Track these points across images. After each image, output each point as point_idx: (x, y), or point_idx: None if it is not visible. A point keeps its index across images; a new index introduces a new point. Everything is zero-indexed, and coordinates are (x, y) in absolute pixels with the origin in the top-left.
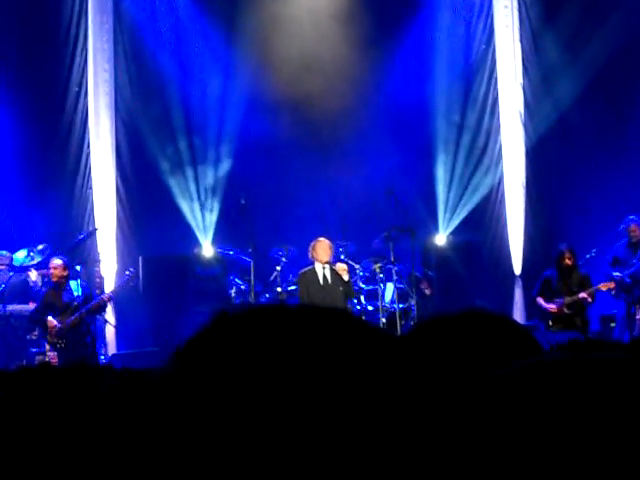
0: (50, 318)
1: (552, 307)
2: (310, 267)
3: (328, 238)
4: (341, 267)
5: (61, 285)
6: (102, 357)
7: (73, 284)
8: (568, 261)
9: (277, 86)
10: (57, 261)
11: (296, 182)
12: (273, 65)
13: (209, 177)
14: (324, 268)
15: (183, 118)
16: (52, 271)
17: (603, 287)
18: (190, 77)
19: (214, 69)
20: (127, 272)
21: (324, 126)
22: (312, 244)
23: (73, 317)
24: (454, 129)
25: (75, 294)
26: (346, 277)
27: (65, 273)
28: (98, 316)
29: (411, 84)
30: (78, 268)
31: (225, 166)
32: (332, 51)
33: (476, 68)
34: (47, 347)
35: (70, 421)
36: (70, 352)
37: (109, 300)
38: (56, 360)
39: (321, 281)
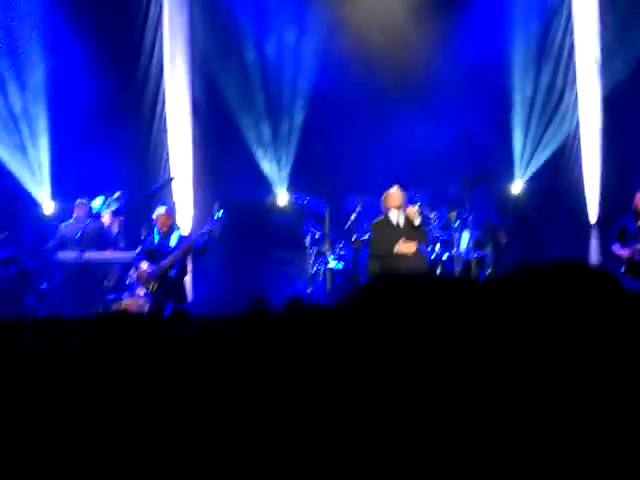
0: (142, 263)
1: (624, 253)
2: (382, 216)
3: (402, 187)
4: (412, 210)
5: (165, 233)
6: None
7: (176, 233)
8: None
9: (352, 38)
10: (160, 209)
11: (371, 131)
12: (348, 17)
13: (284, 123)
14: (398, 215)
15: (259, 66)
16: (157, 220)
17: None
18: (266, 26)
19: (289, 19)
20: (215, 216)
21: (399, 76)
22: (385, 193)
23: (164, 261)
24: (530, 78)
25: (171, 244)
26: (417, 221)
27: (169, 221)
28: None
29: (486, 34)
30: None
31: (300, 114)
32: (407, 5)
33: (552, 16)
34: (140, 291)
35: (145, 368)
36: (161, 298)
37: (204, 243)
38: (134, 307)
39: (394, 227)
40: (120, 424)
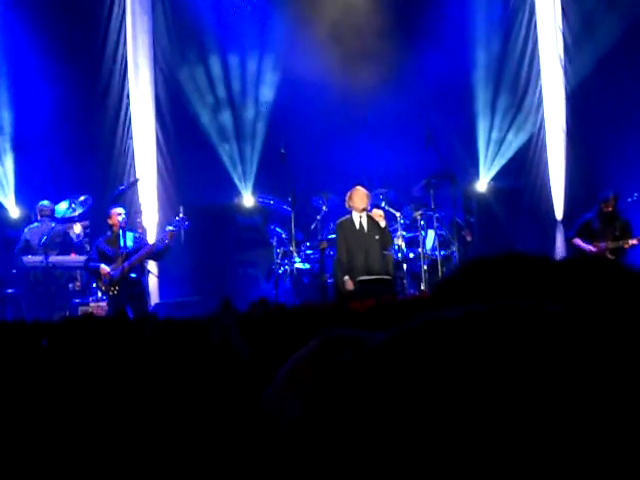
0: (103, 265)
1: (592, 249)
2: (347, 216)
3: (366, 187)
4: (377, 213)
5: (118, 234)
6: None
7: (130, 235)
8: (606, 208)
9: (316, 39)
10: (117, 210)
11: (336, 131)
12: (313, 20)
13: (248, 126)
14: (361, 217)
15: (221, 67)
16: (111, 219)
17: None
18: (228, 25)
19: (252, 16)
20: (177, 217)
21: (363, 75)
22: (349, 193)
23: (126, 264)
24: (494, 74)
25: (129, 244)
26: (383, 223)
27: (123, 222)
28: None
29: (451, 30)
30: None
31: (264, 117)
32: (370, 7)
33: (515, 12)
34: (99, 294)
35: (113, 371)
36: (122, 299)
37: (165, 246)
38: (101, 311)
39: (358, 229)
40: (87, 424)
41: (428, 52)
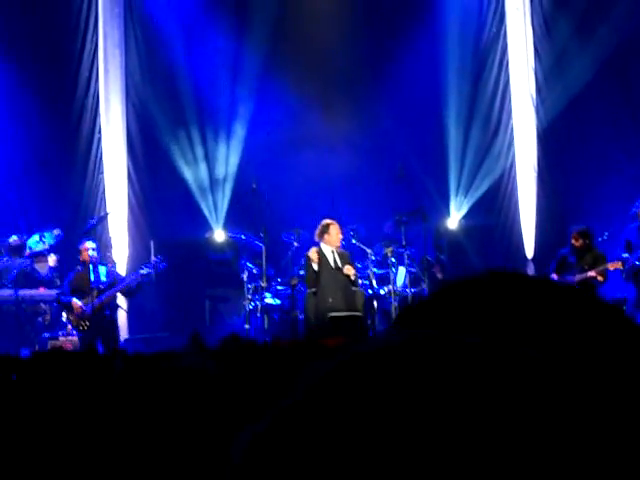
0: (75, 300)
1: None
2: (317, 248)
3: (338, 222)
4: (351, 270)
5: (89, 268)
6: None
7: (102, 269)
8: (575, 242)
9: (288, 72)
10: (88, 244)
11: (307, 166)
12: (283, 50)
13: (220, 161)
14: (333, 251)
15: (194, 102)
16: (81, 255)
17: (611, 266)
18: (200, 61)
19: (225, 52)
20: (153, 258)
21: (336, 111)
22: (324, 225)
23: (99, 299)
24: (466, 113)
25: (102, 278)
26: (353, 277)
27: (95, 256)
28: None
29: (422, 68)
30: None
31: (236, 151)
32: (342, 36)
33: (487, 52)
34: (69, 328)
35: (82, 406)
36: (93, 334)
37: (139, 284)
38: (70, 345)
39: (331, 263)
40: (56, 460)
41: (401, 90)
